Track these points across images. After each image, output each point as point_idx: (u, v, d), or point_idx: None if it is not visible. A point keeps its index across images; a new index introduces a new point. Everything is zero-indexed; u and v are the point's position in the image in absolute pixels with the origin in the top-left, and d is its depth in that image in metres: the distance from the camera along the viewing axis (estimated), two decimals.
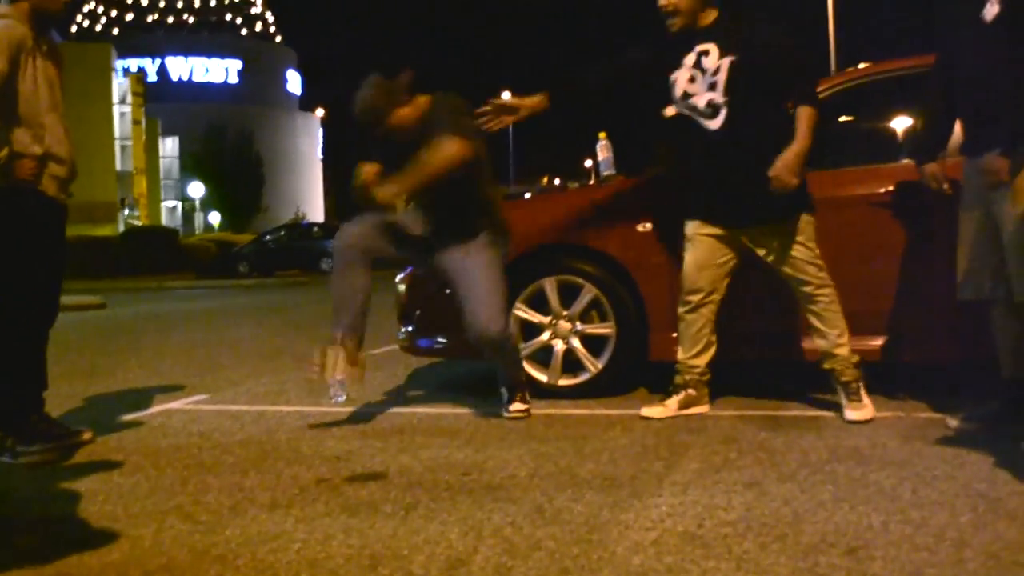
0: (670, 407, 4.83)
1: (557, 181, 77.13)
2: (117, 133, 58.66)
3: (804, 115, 4.45)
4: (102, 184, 52.04)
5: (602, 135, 6.21)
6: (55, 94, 4.39)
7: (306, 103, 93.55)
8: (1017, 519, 3.01)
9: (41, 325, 4.46)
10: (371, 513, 3.31)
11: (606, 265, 5.35)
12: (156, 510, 3.46)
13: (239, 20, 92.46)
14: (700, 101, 4.64)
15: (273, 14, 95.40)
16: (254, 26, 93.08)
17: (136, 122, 62.07)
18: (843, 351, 4.63)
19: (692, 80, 4.66)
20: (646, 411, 4.85)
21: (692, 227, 4.80)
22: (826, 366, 4.68)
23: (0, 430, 4.32)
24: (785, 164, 4.42)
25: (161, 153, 71.75)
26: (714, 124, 4.63)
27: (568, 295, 5.39)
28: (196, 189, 68.31)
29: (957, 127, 4.41)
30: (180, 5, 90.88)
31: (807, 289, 4.64)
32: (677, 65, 4.70)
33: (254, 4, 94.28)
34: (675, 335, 5.25)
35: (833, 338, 4.63)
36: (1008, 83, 3.93)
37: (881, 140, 5.92)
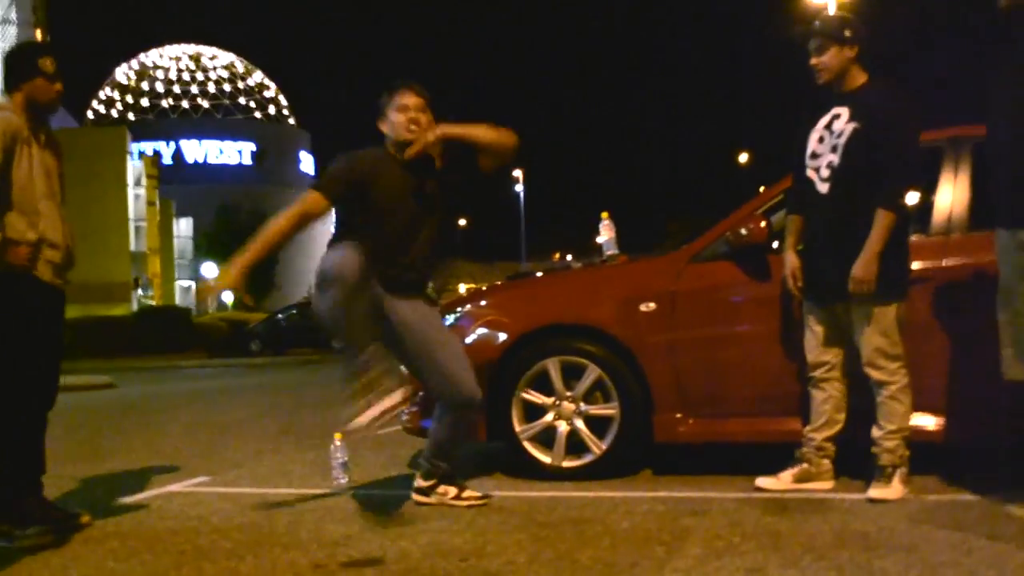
0: (783, 480, 4.80)
1: (569, 257, 77.41)
2: (132, 214, 59.08)
3: (879, 218, 4.45)
4: (117, 264, 52.35)
5: (604, 215, 6.23)
6: (52, 182, 4.45)
7: None
8: None
9: (39, 409, 4.45)
10: None
11: (609, 345, 5.32)
12: None
13: (252, 103, 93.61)
14: (822, 162, 4.68)
15: (287, 97, 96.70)
16: (267, 109, 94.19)
17: (151, 203, 62.54)
18: (891, 444, 4.56)
19: (821, 140, 4.72)
20: (760, 481, 4.83)
21: (806, 301, 4.82)
22: (872, 449, 4.62)
23: None
24: (859, 266, 4.46)
25: (175, 233, 72.16)
26: (824, 188, 4.66)
27: (571, 375, 5.35)
28: (209, 269, 68.56)
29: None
30: (195, 90, 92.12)
31: (875, 376, 4.59)
32: (814, 125, 4.76)
33: (268, 88, 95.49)
34: (679, 416, 5.22)
35: (886, 432, 4.57)
36: None
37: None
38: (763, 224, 5.09)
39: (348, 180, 4.58)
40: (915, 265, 4.79)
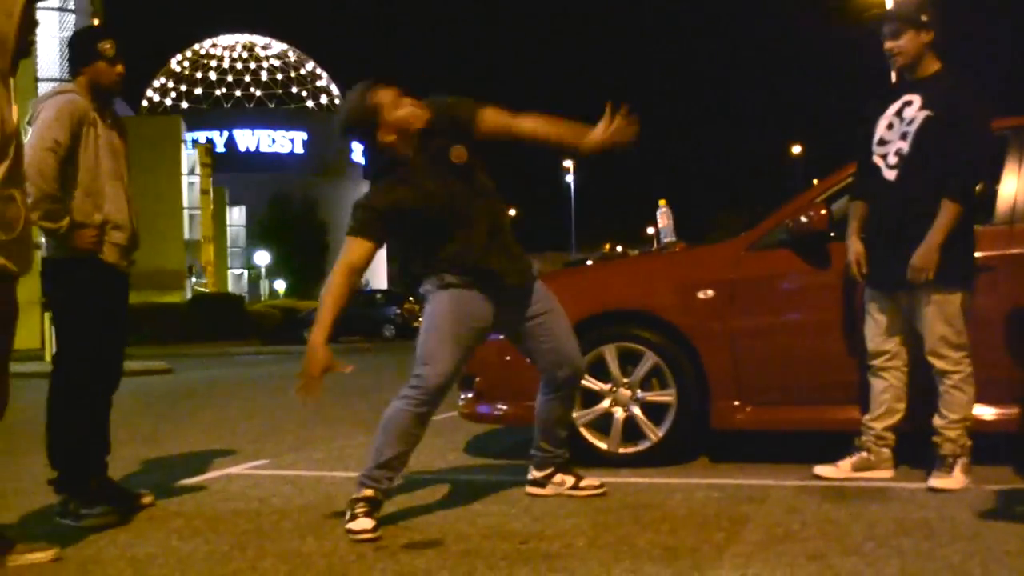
0: (842, 468, 4.78)
1: (619, 248, 77.13)
2: (186, 202, 59.82)
3: (945, 209, 4.41)
4: (171, 252, 53.01)
5: (662, 202, 6.22)
6: (119, 163, 4.50)
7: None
8: None
9: (105, 391, 4.53)
10: None
11: (667, 332, 5.31)
12: (212, 574, 3.46)
13: (304, 93, 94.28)
14: (890, 149, 4.64)
15: (338, 87, 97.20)
16: (319, 98, 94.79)
17: (204, 192, 63.26)
18: (952, 434, 4.52)
19: (890, 127, 4.68)
20: (819, 469, 4.81)
21: (868, 288, 4.79)
22: (933, 438, 4.58)
23: (64, 493, 4.36)
24: (919, 255, 4.42)
25: (228, 222, 72.94)
26: (891, 175, 4.63)
27: (628, 362, 5.35)
28: (262, 257, 69.40)
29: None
30: (247, 79, 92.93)
31: (938, 364, 4.55)
32: (883, 111, 4.72)
33: (320, 77, 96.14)
34: (736, 403, 5.20)
35: (948, 421, 4.53)
36: None
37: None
38: (824, 212, 5.05)
39: (383, 212, 4.17)
40: (979, 254, 4.73)
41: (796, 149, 58.03)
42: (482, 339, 4.35)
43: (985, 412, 4.80)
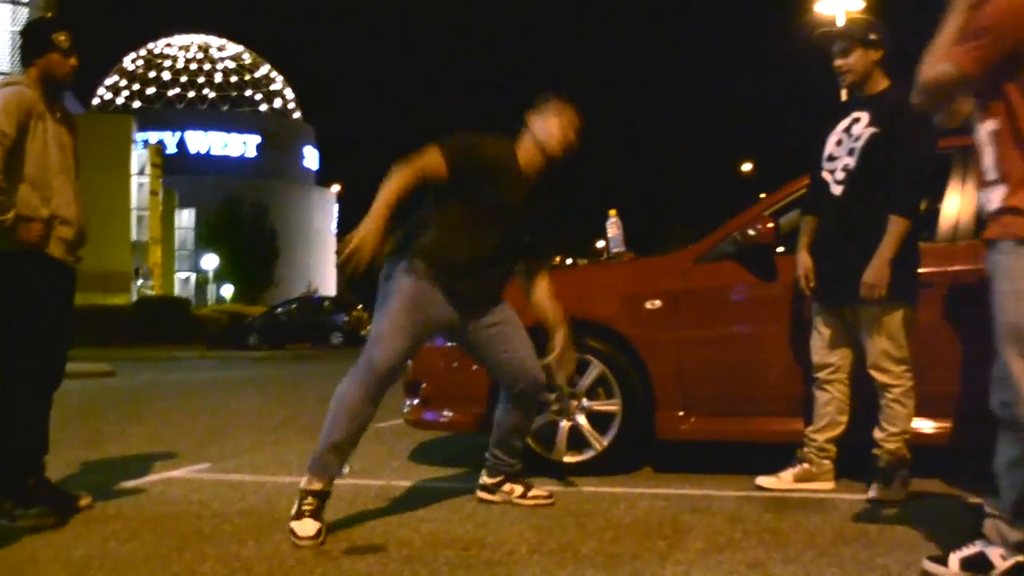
0: (784, 479, 4.82)
1: (569, 261, 77.33)
2: (134, 203, 59.12)
3: (893, 224, 4.45)
4: (118, 253, 52.34)
5: (612, 212, 6.24)
6: (67, 157, 4.44)
7: (323, 178, 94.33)
8: None
9: (46, 389, 4.45)
10: None
11: (613, 341, 5.33)
12: None
13: (258, 96, 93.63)
14: (838, 165, 4.69)
15: (293, 91, 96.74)
16: (273, 102, 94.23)
17: (154, 193, 62.55)
18: (892, 447, 4.55)
19: (839, 143, 4.73)
20: (761, 480, 4.85)
21: (815, 302, 4.83)
22: (873, 450, 4.62)
23: None
24: (871, 271, 4.45)
25: (177, 224, 72.17)
26: (838, 191, 4.68)
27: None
28: (210, 261, 68.70)
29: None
30: (201, 80, 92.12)
31: (880, 378, 4.58)
32: (833, 128, 4.77)
33: (274, 81, 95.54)
34: (681, 413, 5.23)
35: (888, 434, 4.56)
36: None
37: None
38: (771, 225, 5.10)
39: (477, 158, 4.26)
40: (922, 270, 4.79)
41: (747, 167, 58.51)
42: (435, 334, 4.43)
43: (924, 425, 4.86)
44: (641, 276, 5.57)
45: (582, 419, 5.34)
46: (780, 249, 5.27)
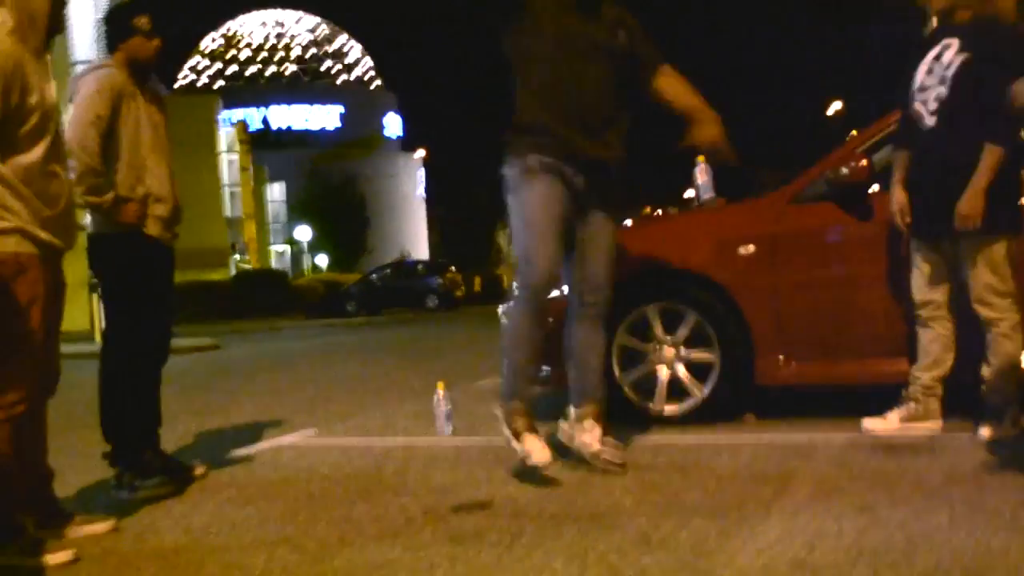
0: (890, 420, 4.76)
1: (659, 211, 76.57)
2: (225, 180, 60.16)
3: (988, 153, 4.35)
4: (213, 230, 53.38)
5: (700, 159, 6.16)
6: (159, 136, 4.53)
7: (407, 144, 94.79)
8: None
9: (155, 364, 4.59)
10: (476, 542, 3.32)
11: (709, 289, 5.29)
12: (266, 541, 3.51)
13: (338, 67, 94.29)
14: (930, 95, 4.58)
15: (372, 59, 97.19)
16: (352, 72, 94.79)
17: (244, 169, 63.57)
18: (1001, 383, 4.48)
19: (929, 72, 4.61)
20: (867, 422, 4.79)
21: (913, 238, 4.75)
22: (982, 387, 4.55)
23: (119, 466, 4.44)
24: (965, 201, 4.36)
25: (268, 198, 73.27)
26: (931, 122, 4.57)
27: (671, 320, 5.35)
28: (303, 232, 69.71)
29: None
30: (280, 55, 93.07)
31: (984, 313, 4.50)
32: (922, 57, 4.66)
33: (353, 51, 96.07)
34: (781, 359, 5.18)
35: (994, 369, 4.49)
36: None
37: None
38: (864, 163, 5.01)
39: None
40: None
41: (837, 105, 57.12)
42: (571, 225, 4.30)
43: None
44: (733, 222, 5.52)
45: (681, 369, 5.33)
46: (875, 187, 5.17)
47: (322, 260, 71.77)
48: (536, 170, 4.21)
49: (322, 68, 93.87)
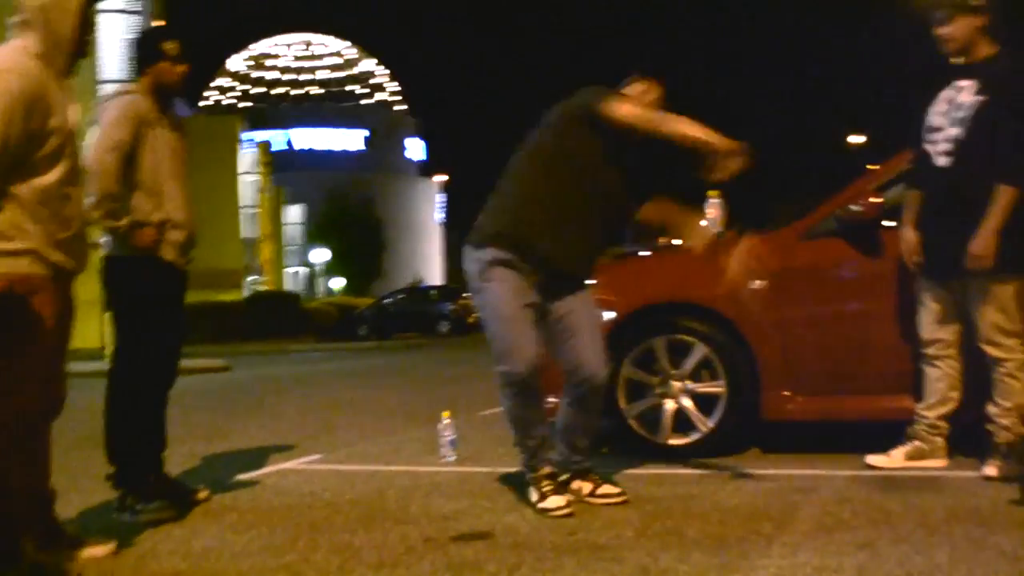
0: (895, 457, 4.75)
1: (676, 242, 76.46)
2: (244, 202, 60.42)
3: (1001, 194, 4.35)
4: (229, 251, 53.55)
5: (713, 193, 6.19)
6: (178, 163, 4.57)
7: (427, 169, 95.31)
8: None
9: (161, 387, 4.61)
10: (475, 573, 3.32)
11: (717, 323, 5.29)
12: (266, 567, 3.52)
13: (362, 90, 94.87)
14: (941, 136, 4.59)
15: (397, 83, 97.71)
16: (376, 95, 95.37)
17: (263, 190, 63.89)
18: (1007, 422, 4.47)
19: (944, 114, 4.61)
20: (871, 459, 4.79)
21: (922, 276, 4.74)
22: (987, 426, 4.54)
23: (121, 488, 4.45)
24: (978, 242, 4.36)
25: (286, 220, 73.50)
26: (944, 162, 4.57)
27: (677, 353, 5.35)
28: (319, 255, 69.94)
29: None
30: (305, 78, 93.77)
31: (992, 352, 4.50)
32: (936, 98, 4.66)
33: (377, 75, 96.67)
34: (787, 393, 5.17)
35: (1002, 409, 4.49)
36: None
37: None
38: (875, 200, 5.01)
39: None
40: None
41: (858, 139, 56.95)
42: (538, 313, 4.24)
43: None
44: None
45: (687, 402, 5.33)
46: (889, 224, 5.17)
47: (337, 283, 71.98)
48: (494, 264, 4.18)
49: (346, 91, 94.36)
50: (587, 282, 4.47)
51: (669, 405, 5.35)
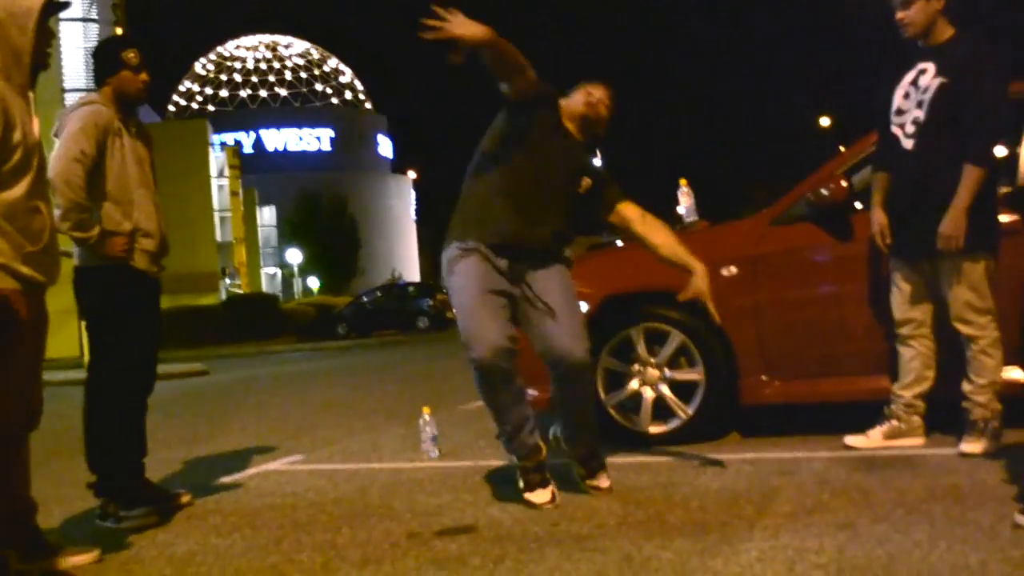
0: (873, 437, 4.80)
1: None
2: (216, 205, 60.16)
3: (967, 174, 4.39)
4: (203, 255, 53.36)
5: (683, 182, 6.21)
6: (145, 171, 4.56)
7: (398, 166, 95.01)
8: None
9: (140, 394, 4.60)
10: (460, 566, 3.33)
11: (692, 311, 5.31)
12: (250, 569, 3.53)
13: (329, 90, 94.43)
14: (907, 118, 4.63)
15: (362, 82, 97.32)
16: (343, 95, 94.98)
17: (234, 193, 63.57)
18: (982, 399, 4.51)
19: (906, 96, 4.66)
20: (849, 439, 4.83)
21: (893, 257, 4.79)
22: (963, 404, 4.58)
23: (104, 496, 4.44)
24: (947, 222, 4.40)
25: (259, 222, 73.24)
26: (909, 144, 4.62)
27: (655, 342, 5.38)
28: (294, 255, 69.71)
29: None
30: (271, 79, 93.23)
31: (964, 330, 4.54)
32: (899, 81, 4.71)
33: (343, 74, 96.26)
34: (764, 378, 5.21)
35: (976, 386, 4.53)
36: None
37: None
38: (844, 184, 5.05)
39: (539, 93, 4.27)
40: (1003, 218, 4.71)
41: (825, 122, 57.21)
42: (508, 299, 4.21)
43: (1015, 375, 4.79)
44: (716, 243, 5.54)
45: (666, 389, 5.36)
46: (858, 206, 5.21)
47: (314, 283, 71.76)
48: (458, 257, 4.21)
49: (313, 91, 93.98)
50: (560, 263, 4.38)
51: (648, 393, 5.37)
